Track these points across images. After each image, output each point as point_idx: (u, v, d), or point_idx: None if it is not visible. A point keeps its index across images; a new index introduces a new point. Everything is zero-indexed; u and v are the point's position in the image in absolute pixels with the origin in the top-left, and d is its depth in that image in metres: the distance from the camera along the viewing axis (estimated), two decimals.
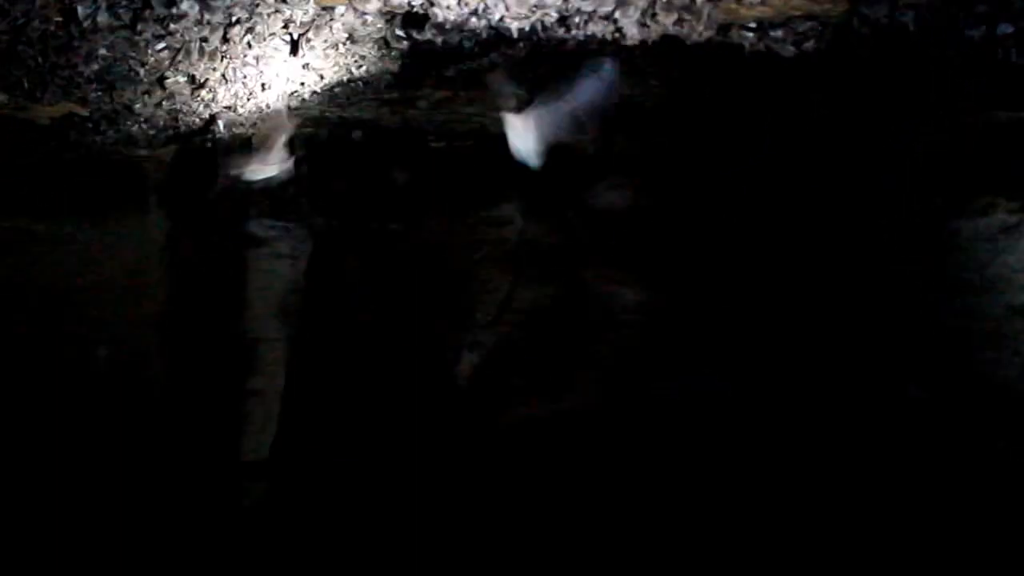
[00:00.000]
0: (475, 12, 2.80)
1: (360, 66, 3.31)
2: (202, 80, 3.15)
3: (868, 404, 4.27)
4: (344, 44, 3.11)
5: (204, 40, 2.89)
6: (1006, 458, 4.05)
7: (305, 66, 3.21)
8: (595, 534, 4.26)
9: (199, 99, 3.31)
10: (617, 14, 2.80)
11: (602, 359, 4.47)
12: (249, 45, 2.99)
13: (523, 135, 3.53)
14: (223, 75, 3.16)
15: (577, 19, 2.81)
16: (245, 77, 3.21)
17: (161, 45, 2.88)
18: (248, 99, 3.43)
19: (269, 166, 3.76)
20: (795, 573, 4.21)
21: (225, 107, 3.44)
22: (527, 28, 2.87)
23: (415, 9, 2.80)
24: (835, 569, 4.17)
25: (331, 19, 2.93)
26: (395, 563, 4.13)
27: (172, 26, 2.77)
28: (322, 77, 3.37)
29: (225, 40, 2.92)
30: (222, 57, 3.03)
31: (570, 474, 4.33)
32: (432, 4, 2.75)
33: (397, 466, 4.28)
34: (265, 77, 3.25)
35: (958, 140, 3.85)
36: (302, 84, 3.40)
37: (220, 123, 3.60)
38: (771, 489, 4.30)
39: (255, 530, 4.12)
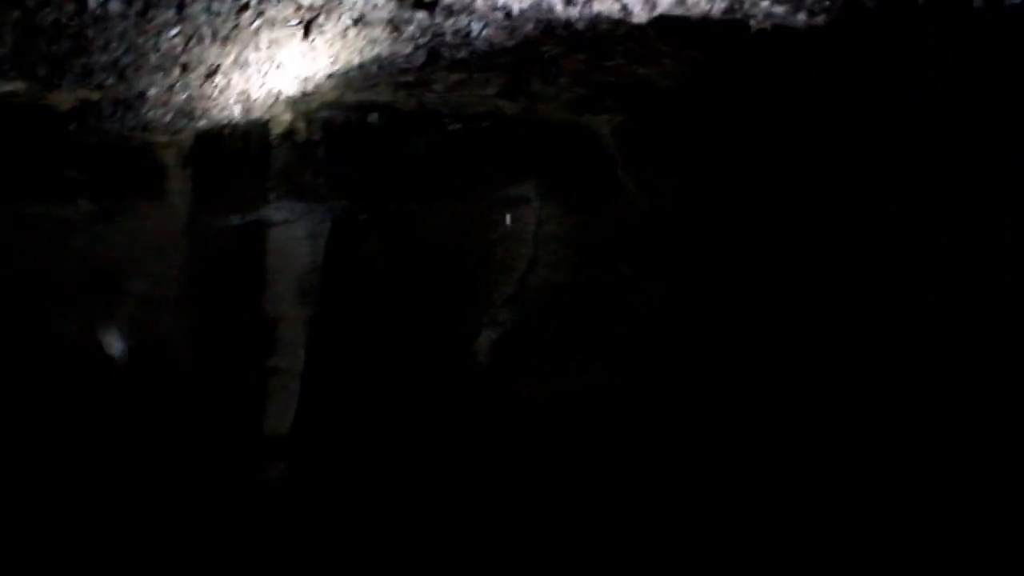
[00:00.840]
0: None
1: (372, 49, 3.33)
2: (215, 65, 3.19)
3: (868, 403, 4.26)
4: (355, 27, 3.13)
5: (215, 26, 2.92)
6: (1006, 457, 4.04)
7: (317, 49, 3.24)
8: (591, 530, 4.29)
9: (213, 85, 3.35)
10: None
11: (607, 346, 4.49)
12: (260, 30, 3.02)
13: None
14: (236, 60, 3.19)
15: None
16: (258, 61, 3.25)
17: (173, 31, 2.92)
18: (262, 84, 3.47)
19: None
20: (795, 573, 4.21)
21: (240, 92, 3.48)
22: (527, 6, 2.87)
23: None
24: (835, 569, 4.16)
25: (340, 2, 2.95)
26: (411, 543, 4.19)
27: (184, 12, 2.80)
28: (335, 60, 3.40)
29: (236, 25, 2.95)
30: (234, 42, 3.06)
31: (569, 469, 4.37)
32: None
33: (414, 446, 4.32)
34: (278, 61, 3.28)
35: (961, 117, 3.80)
36: (315, 68, 3.43)
37: (236, 108, 3.64)
38: (771, 488, 4.31)
39: (275, 508, 4.18)
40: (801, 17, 2.89)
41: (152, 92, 3.31)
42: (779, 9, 2.86)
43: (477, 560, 4.23)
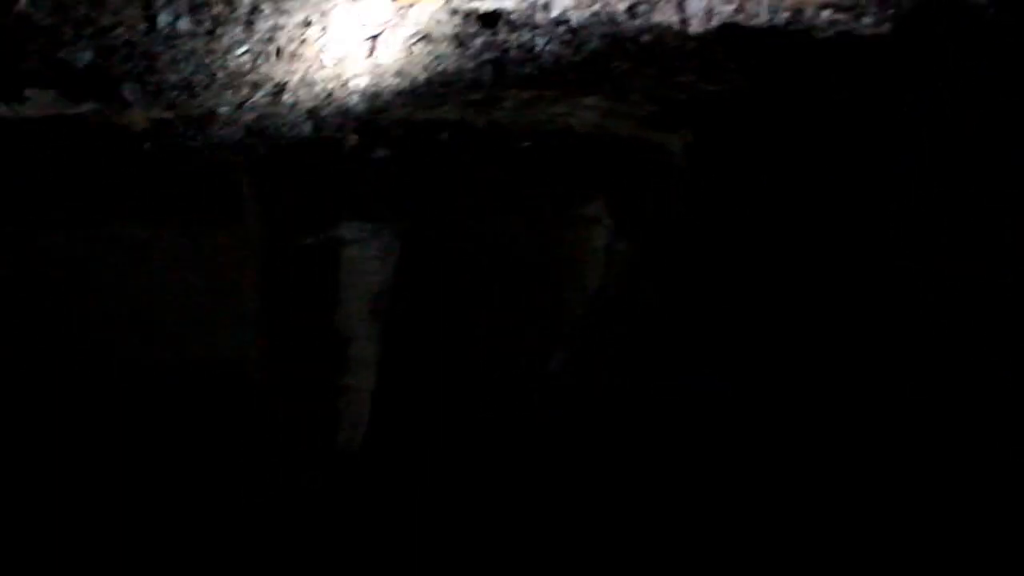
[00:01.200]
0: (539, 6, 2.83)
1: (439, 65, 3.34)
2: (282, 83, 3.23)
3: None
4: (420, 43, 3.16)
5: (281, 43, 2.97)
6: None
7: (383, 66, 3.27)
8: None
9: (281, 103, 3.40)
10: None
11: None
12: (326, 47, 3.06)
13: None
14: (302, 78, 3.24)
15: (643, 7, 2.80)
16: (325, 79, 3.29)
17: (241, 50, 2.97)
18: (330, 102, 3.51)
19: None
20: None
21: (308, 110, 3.52)
22: (588, 19, 2.87)
23: (479, 6, 2.83)
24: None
25: (405, 18, 2.97)
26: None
27: (251, 29, 2.85)
28: (402, 78, 3.42)
29: (303, 42, 3.00)
30: (301, 60, 3.11)
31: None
32: None
33: (484, 461, 4.34)
34: (344, 78, 3.31)
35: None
36: (383, 86, 3.46)
37: (306, 127, 3.69)
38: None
39: (346, 523, 4.22)
40: (866, 21, 2.85)
41: (221, 110, 3.37)
42: (842, 16, 2.82)
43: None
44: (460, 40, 3.15)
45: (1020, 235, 3.95)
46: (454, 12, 2.94)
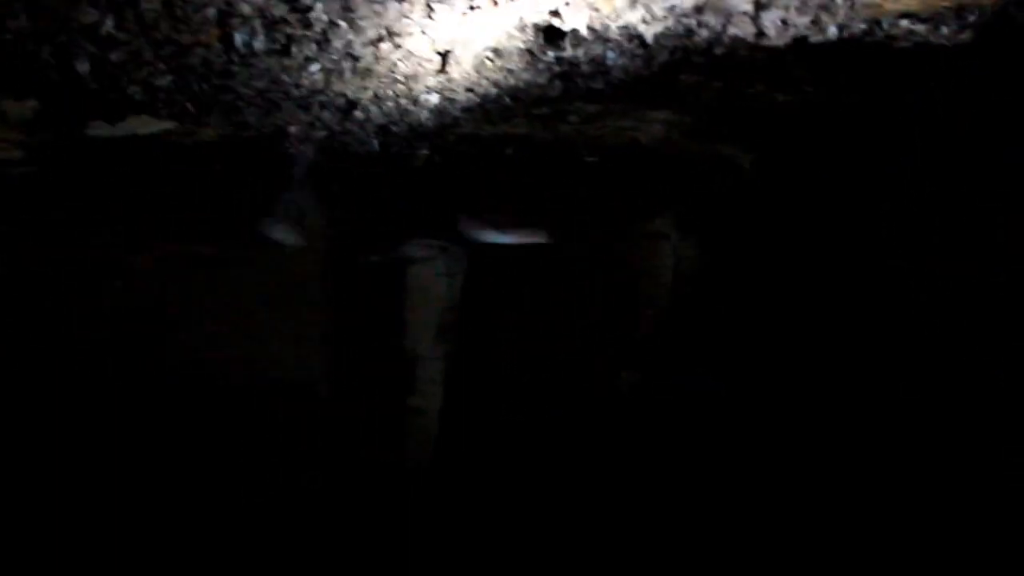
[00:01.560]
0: (613, 19, 2.81)
1: (508, 80, 3.34)
2: (355, 99, 3.25)
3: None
4: (491, 59, 3.15)
5: (355, 59, 2.98)
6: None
7: (454, 82, 3.27)
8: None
9: (352, 119, 3.41)
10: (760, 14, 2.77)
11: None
12: (398, 62, 3.06)
13: None
14: (375, 94, 3.25)
15: (713, 20, 2.78)
16: (396, 95, 3.29)
17: (315, 67, 2.98)
18: (400, 118, 3.52)
19: None
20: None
21: (378, 127, 3.54)
22: (661, 33, 2.85)
23: (551, 21, 2.82)
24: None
25: (477, 33, 2.97)
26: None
27: (325, 46, 2.87)
28: (472, 92, 3.42)
29: (375, 58, 3.00)
30: (372, 76, 3.12)
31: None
32: (557, 15, 2.77)
33: (558, 476, 4.33)
34: (415, 94, 3.32)
35: None
36: (452, 101, 3.47)
37: (375, 143, 3.70)
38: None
39: (416, 538, 4.22)
40: (945, 31, 2.80)
41: (295, 129, 3.39)
42: (920, 27, 2.78)
43: None
44: (532, 54, 3.13)
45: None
46: (526, 26, 2.92)
